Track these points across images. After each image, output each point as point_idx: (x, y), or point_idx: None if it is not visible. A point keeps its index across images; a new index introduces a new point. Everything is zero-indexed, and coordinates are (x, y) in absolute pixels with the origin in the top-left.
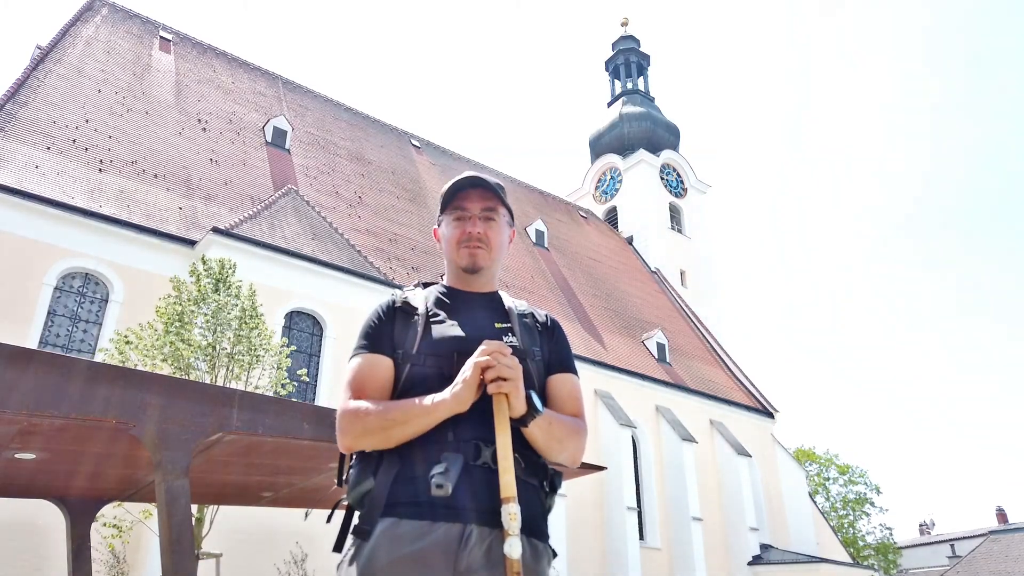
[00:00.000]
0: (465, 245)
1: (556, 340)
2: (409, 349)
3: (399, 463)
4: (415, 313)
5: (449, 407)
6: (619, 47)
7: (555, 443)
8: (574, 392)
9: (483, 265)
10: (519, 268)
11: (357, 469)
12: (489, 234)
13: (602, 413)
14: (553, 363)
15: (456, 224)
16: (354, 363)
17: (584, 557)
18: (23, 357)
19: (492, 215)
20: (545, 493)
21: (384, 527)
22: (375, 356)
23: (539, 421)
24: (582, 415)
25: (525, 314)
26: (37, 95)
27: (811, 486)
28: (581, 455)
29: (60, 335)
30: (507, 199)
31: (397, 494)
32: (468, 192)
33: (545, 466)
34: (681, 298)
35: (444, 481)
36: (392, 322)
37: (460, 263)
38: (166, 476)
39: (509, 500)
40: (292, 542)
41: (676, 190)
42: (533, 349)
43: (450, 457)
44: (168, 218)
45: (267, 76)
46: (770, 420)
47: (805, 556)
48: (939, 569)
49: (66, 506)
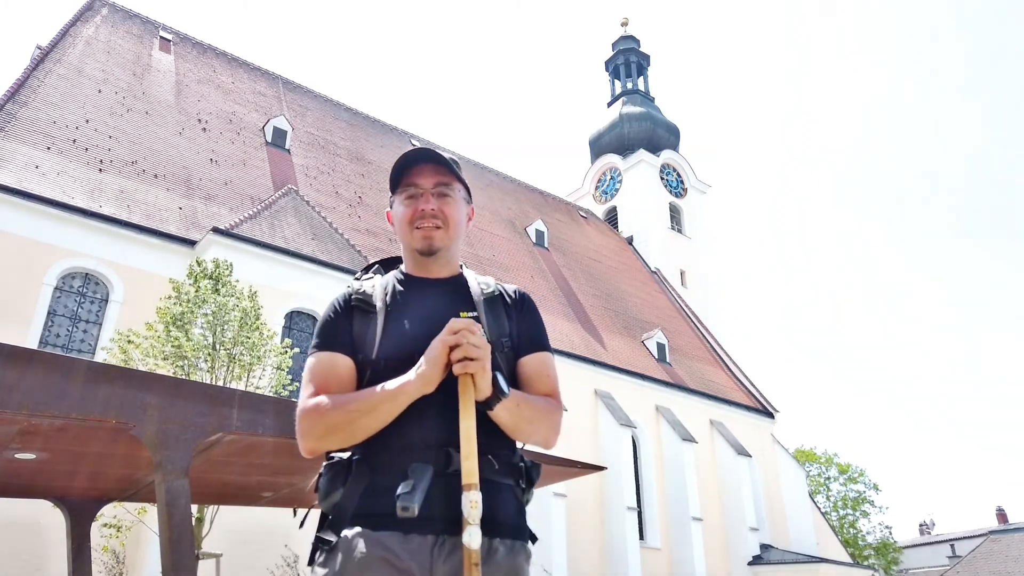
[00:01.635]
0: (419, 225)
1: (527, 317)
2: (368, 354)
3: (368, 474)
4: (372, 309)
5: (416, 388)
6: (619, 47)
7: (525, 424)
8: (546, 370)
9: (440, 246)
10: (519, 268)
11: (327, 478)
12: (445, 211)
13: (602, 413)
14: (524, 342)
15: (408, 203)
16: (311, 363)
17: (584, 557)
18: (23, 357)
19: (447, 191)
20: (521, 490)
21: (353, 536)
22: (334, 355)
23: (506, 403)
24: (556, 394)
25: (492, 296)
26: (37, 95)
27: (811, 486)
28: (555, 436)
29: (60, 335)
30: (462, 173)
31: (368, 506)
32: (420, 167)
33: (519, 465)
34: (681, 298)
35: (410, 503)
36: (349, 318)
37: (415, 245)
38: (166, 476)
39: (470, 487)
40: (292, 542)
41: (676, 190)
42: (502, 340)
43: (418, 469)
44: (168, 218)
45: (267, 76)
46: (770, 420)
47: (805, 556)
48: (939, 569)
49: (66, 506)
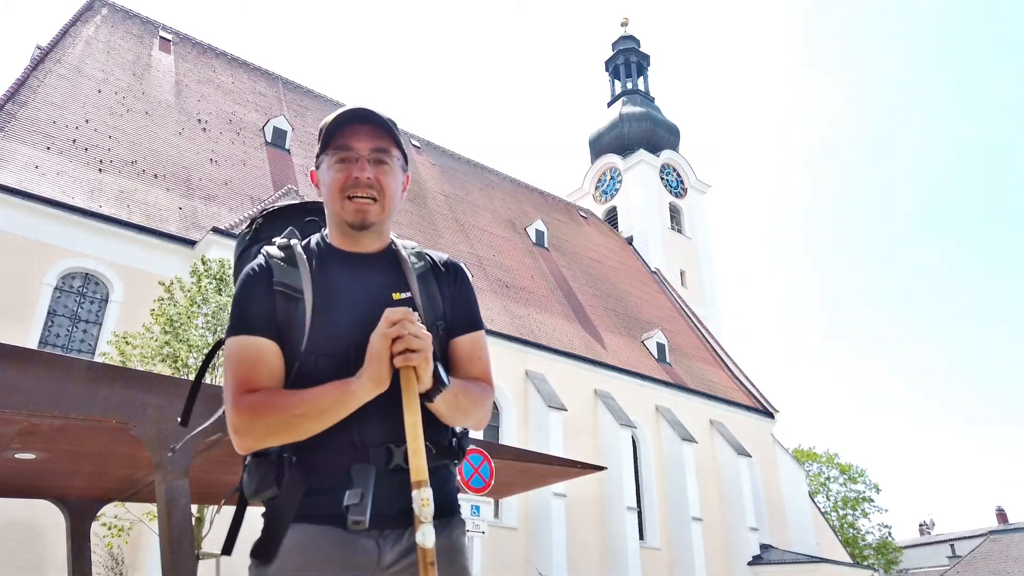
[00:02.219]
0: (351, 195)
1: (461, 293)
2: (296, 346)
3: (305, 474)
4: (299, 296)
5: (368, 392)
6: (619, 47)
7: (461, 414)
8: (480, 352)
9: (374, 221)
10: (519, 268)
11: (257, 476)
12: (381, 180)
13: (602, 413)
14: (457, 321)
15: (340, 167)
16: (235, 348)
17: (584, 557)
18: (23, 357)
19: (384, 157)
20: (455, 464)
21: (296, 534)
22: (259, 340)
23: (445, 395)
24: (488, 377)
25: (425, 272)
26: (37, 95)
27: (811, 486)
28: (487, 419)
29: (60, 335)
30: (400, 137)
31: (311, 506)
32: (355, 128)
33: (453, 445)
34: (681, 298)
35: (361, 516)
36: (271, 297)
37: (346, 218)
38: (166, 476)
39: (421, 484)
40: None
41: (676, 190)
42: (437, 324)
43: (361, 472)
44: (168, 218)
45: (267, 76)
46: (770, 420)
47: (805, 556)
48: (939, 569)
49: (66, 506)
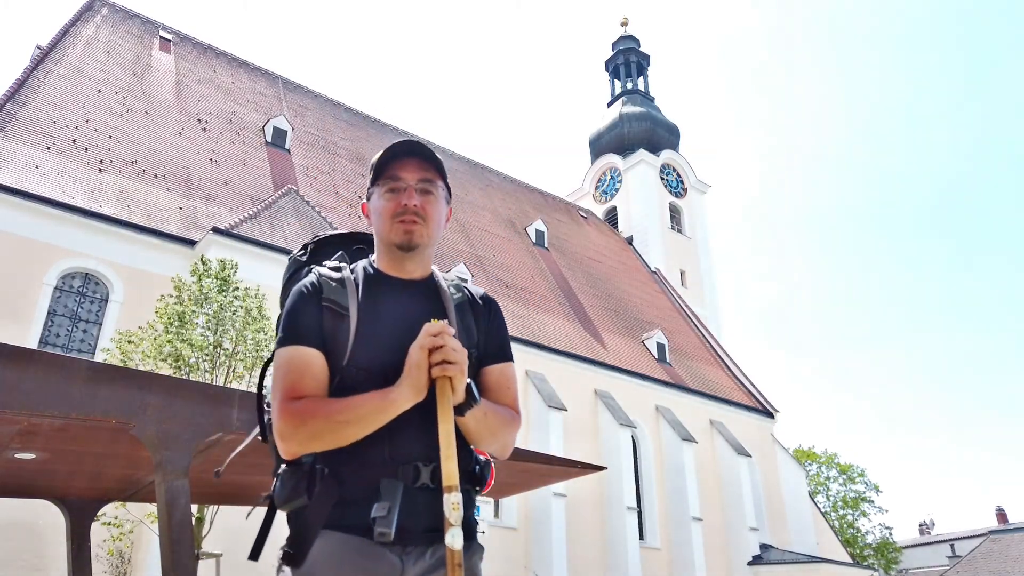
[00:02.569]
0: (400, 219)
1: (494, 325)
2: (339, 359)
3: (337, 487)
4: (345, 313)
5: (408, 399)
6: (619, 47)
7: (488, 434)
8: (509, 382)
9: (419, 242)
10: (519, 268)
11: (289, 485)
12: (427, 208)
13: (602, 413)
14: (489, 351)
15: (390, 196)
16: (285, 357)
17: (584, 557)
18: (23, 357)
19: (430, 187)
20: (476, 492)
21: (324, 541)
22: (308, 351)
23: (475, 411)
24: (517, 407)
25: (462, 303)
26: (37, 95)
27: (811, 486)
28: (511, 447)
29: (60, 335)
30: (445, 172)
31: (339, 517)
32: (404, 161)
33: (473, 471)
34: (681, 298)
35: (387, 528)
36: (320, 311)
37: (394, 239)
38: (166, 476)
39: (452, 489)
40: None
41: (676, 190)
42: (470, 351)
43: (389, 487)
44: (168, 218)
45: (267, 76)
46: (770, 420)
47: (805, 556)
48: (939, 569)
49: (66, 506)
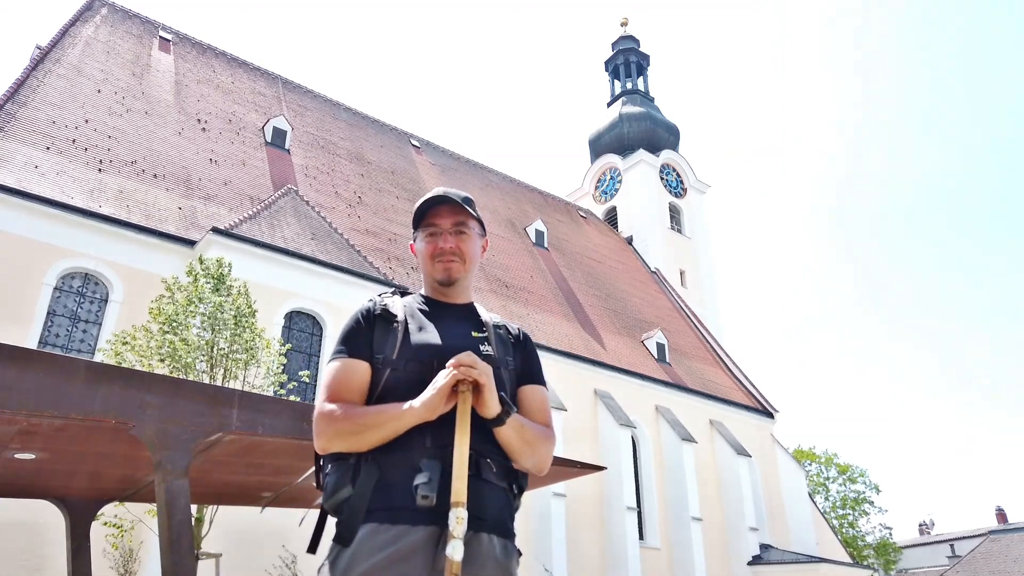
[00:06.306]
0: (439, 260)
1: (527, 353)
2: (389, 355)
3: (378, 471)
4: (395, 320)
5: (418, 415)
6: (619, 47)
7: (526, 446)
8: (543, 404)
9: (457, 277)
10: (519, 268)
11: (335, 476)
12: (462, 247)
13: (602, 413)
14: (524, 374)
15: (429, 240)
16: (332, 367)
17: (584, 557)
18: (23, 357)
19: (463, 228)
20: (513, 495)
21: (365, 532)
22: (353, 361)
23: (513, 421)
24: (551, 426)
25: (499, 326)
26: (37, 95)
27: (811, 486)
28: (548, 462)
29: (60, 335)
30: (476, 210)
31: (377, 500)
32: (438, 209)
33: (514, 470)
34: (681, 298)
35: (429, 492)
36: (371, 328)
37: (436, 276)
38: (166, 476)
39: (458, 504)
40: (290, 542)
41: (676, 190)
42: (507, 359)
43: (429, 464)
44: (167, 218)
45: (267, 76)
46: (770, 420)
47: (805, 556)
48: (939, 569)
49: (66, 506)
